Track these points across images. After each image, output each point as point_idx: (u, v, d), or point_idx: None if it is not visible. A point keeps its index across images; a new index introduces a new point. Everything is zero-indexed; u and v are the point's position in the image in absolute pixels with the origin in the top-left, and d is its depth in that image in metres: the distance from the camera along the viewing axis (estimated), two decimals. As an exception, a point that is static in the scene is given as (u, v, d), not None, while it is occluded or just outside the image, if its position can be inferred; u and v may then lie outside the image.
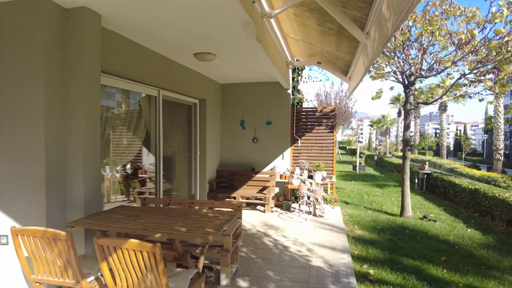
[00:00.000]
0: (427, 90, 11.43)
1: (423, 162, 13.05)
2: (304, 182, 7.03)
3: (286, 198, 7.72)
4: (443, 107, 30.06)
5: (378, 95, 7.27)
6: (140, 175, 5.76)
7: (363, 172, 17.74)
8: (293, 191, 7.92)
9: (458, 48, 5.67)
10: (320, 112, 7.77)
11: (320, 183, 7.05)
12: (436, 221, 7.21)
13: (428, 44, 6.02)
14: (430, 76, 6.84)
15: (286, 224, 6.30)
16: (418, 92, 10.71)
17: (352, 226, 6.54)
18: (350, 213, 7.62)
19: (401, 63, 7.10)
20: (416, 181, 12.13)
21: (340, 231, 5.98)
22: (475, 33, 5.38)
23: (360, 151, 18.74)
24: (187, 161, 6.87)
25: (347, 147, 50.31)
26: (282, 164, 7.84)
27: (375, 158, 22.72)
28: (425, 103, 7.55)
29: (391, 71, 7.32)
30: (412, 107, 7.39)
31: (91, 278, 2.72)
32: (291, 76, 7.87)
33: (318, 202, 6.85)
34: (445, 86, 24.48)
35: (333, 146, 7.73)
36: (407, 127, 7.44)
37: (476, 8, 5.69)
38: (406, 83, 7.27)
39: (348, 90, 6.59)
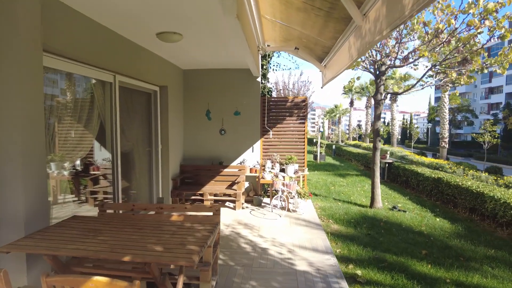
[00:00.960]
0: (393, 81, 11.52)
1: (384, 152, 13.38)
2: (277, 176, 6.64)
3: (257, 193, 7.30)
4: (394, 98, 31.56)
5: (351, 85, 7.04)
6: (92, 172, 4.96)
7: (324, 161, 17.96)
8: (263, 185, 7.52)
9: (434, 37, 5.57)
10: (291, 102, 7.39)
11: (293, 177, 6.71)
12: (405, 211, 7.27)
13: (407, 33, 5.88)
14: (402, 66, 6.74)
15: (260, 221, 5.88)
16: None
17: (327, 220, 6.31)
18: (321, 205, 7.42)
19: (373, 52, 6.93)
20: (377, 170, 12.38)
21: (317, 227, 5.70)
22: (452, 22, 5.30)
23: (320, 141, 18.91)
24: (147, 156, 6.12)
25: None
26: (252, 157, 7.37)
27: (333, 147, 23.20)
28: (395, 93, 7.50)
29: (363, 60, 7.13)
30: (383, 97, 7.29)
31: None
32: (260, 63, 7.37)
33: (292, 197, 6.52)
34: (395, 77, 25.61)
35: (304, 138, 7.42)
36: (378, 117, 7.35)
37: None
38: (377, 73, 7.14)
39: (322, 79, 6.25)
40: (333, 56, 5.04)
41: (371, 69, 7.30)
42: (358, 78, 7.95)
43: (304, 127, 7.38)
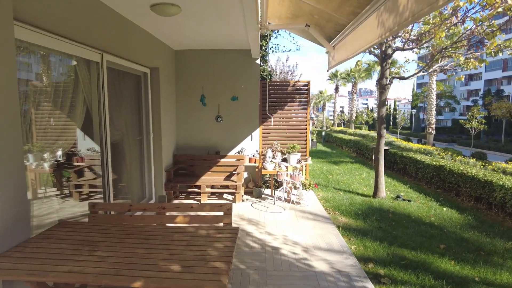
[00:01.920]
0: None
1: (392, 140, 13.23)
2: (280, 166, 6.20)
3: (257, 184, 6.85)
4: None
5: (358, 67, 6.59)
6: (76, 164, 4.35)
7: (315, 148, 17.67)
8: (262, 176, 7.08)
9: (451, 16, 5.16)
10: (293, 86, 6.89)
11: (297, 167, 6.28)
12: (410, 200, 7.01)
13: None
14: (409, 49, 6.35)
15: (265, 216, 5.45)
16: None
17: (334, 212, 5.96)
18: (323, 196, 7.06)
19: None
20: (373, 157, 12.18)
21: (325, 220, 5.33)
22: (474, 0, 4.90)
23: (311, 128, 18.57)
24: (138, 146, 5.52)
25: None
26: (250, 146, 6.88)
27: (323, 134, 22.95)
28: (402, 78, 7.13)
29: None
30: (388, 82, 6.90)
31: None
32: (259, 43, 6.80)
33: (297, 188, 6.11)
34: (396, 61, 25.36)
35: (306, 125, 6.97)
36: (383, 103, 6.98)
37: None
38: (383, 56, 6.71)
39: (329, 62, 5.77)
40: (347, 35, 4.55)
41: (376, 52, 6.87)
42: (366, 62, 7.50)
43: (307, 113, 6.92)
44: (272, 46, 8.68)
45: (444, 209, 6.50)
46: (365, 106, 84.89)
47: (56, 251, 2.05)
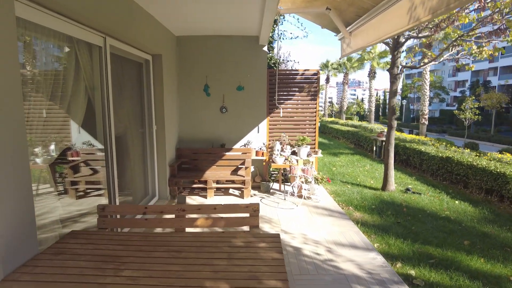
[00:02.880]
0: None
1: (382, 130, 13.06)
2: (289, 160, 5.90)
3: (264, 179, 6.54)
4: (373, 74, 31.41)
5: (370, 56, 6.29)
6: (72, 159, 3.95)
7: (310, 139, 17.45)
8: (269, 169, 6.77)
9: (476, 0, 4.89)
10: (302, 75, 6.55)
11: (311, 160, 5.99)
12: (420, 193, 6.84)
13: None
14: (424, 37, 6.08)
15: (277, 212, 5.17)
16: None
17: (347, 207, 5.72)
18: (332, 190, 6.81)
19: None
20: (374, 148, 12.02)
21: (342, 216, 5.08)
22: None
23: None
24: (140, 139, 5.13)
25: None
26: (257, 138, 6.55)
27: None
28: (413, 67, 6.87)
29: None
30: (399, 71, 6.64)
31: None
32: (266, 30, 6.41)
33: (308, 182, 5.83)
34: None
35: (315, 116, 6.67)
36: (394, 93, 6.72)
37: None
38: (395, 44, 6.43)
39: (343, 49, 5.45)
40: (370, 19, 4.22)
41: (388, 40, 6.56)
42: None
43: (316, 104, 6.61)
44: (279, 33, 8.28)
45: (456, 202, 6.34)
46: (353, 97, 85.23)
47: (74, 271, 1.70)
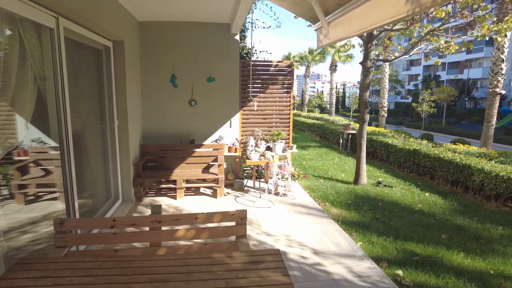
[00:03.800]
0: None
1: (347, 123, 13.23)
2: (264, 156, 5.61)
3: (237, 176, 6.21)
4: (334, 67, 32.03)
5: (347, 49, 6.16)
6: (20, 158, 3.36)
7: (276, 132, 17.35)
8: (242, 166, 6.45)
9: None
10: (275, 66, 6.26)
11: (288, 156, 5.75)
12: (391, 186, 6.91)
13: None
14: (398, 30, 6.04)
15: (255, 212, 4.88)
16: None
17: (323, 203, 5.58)
18: (306, 185, 6.66)
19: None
20: (340, 141, 12.13)
21: (321, 214, 4.92)
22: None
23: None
24: (100, 135, 4.55)
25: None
26: (230, 133, 6.18)
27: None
28: (385, 60, 6.84)
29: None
30: (372, 64, 6.59)
31: None
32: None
33: (285, 179, 5.60)
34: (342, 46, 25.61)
35: (289, 110, 6.43)
36: (367, 87, 6.67)
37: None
38: (369, 37, 6.34)
39: (320, 39, 5.22)
40: (354, 8, 4.01)
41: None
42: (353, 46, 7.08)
43: (290, 97, 6.37)
44: (251, 21, 7.87)
45: (426, 194, 6.47)
46: (312, 90, 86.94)
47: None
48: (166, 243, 3.28)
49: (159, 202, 5.27)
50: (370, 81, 6.63)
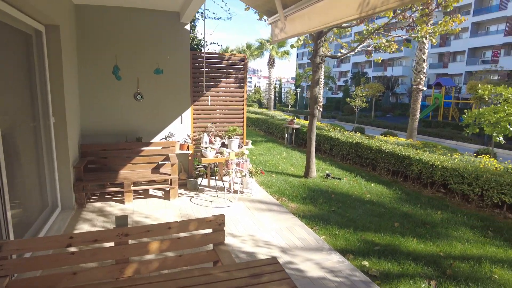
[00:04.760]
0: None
1: (292, 118, 13.47)
2: (222, 153, 5.38)
3: (190, 175, 5.88)
4: (272, 63, 32.63)
5: (299, 43, 6.17)
6: None
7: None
8: (193, 164, 6.13)
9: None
10: (228, 60, 6.02)
11: (246, 153, 5.58)
12: (339, 178, 7.20)
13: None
14: (348, 27, 6.24)
15: (213, 212, 4.62)
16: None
17: (280, 198, 5.57)
18: (260, 180, 6.59)
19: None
20: (285, 136, 12.33)
21: (281, 209, 4.89)
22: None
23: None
24: (33, 135, 3.88)
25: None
26: (181, 130, 5.81)
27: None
28: (334, 57, 7.05)
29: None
30: (321, 60, 6.74)
31: None
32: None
33: (243, 176, 5.45)
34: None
35: (243, 105, 6.27)
36: (316, 82, 6.81)
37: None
38: (318, 33, 6.45)
39: (275, 33, 5.14)
40: (315, 2, 3.98)
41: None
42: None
43: (244, 92, 6.20)
44: (202, 12, 7.45)
45: (372, 184, 6.87)
46: (249, 84, 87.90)
47: None
48: (133, 259, 2.91)
49: (106, 207, 4.72)
50: (319, 76, 6.78)
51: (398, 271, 3.47)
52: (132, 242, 2.22)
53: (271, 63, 32.51)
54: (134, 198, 5.13)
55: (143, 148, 5.42)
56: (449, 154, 6.89)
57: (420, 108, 13.68)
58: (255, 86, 66.66)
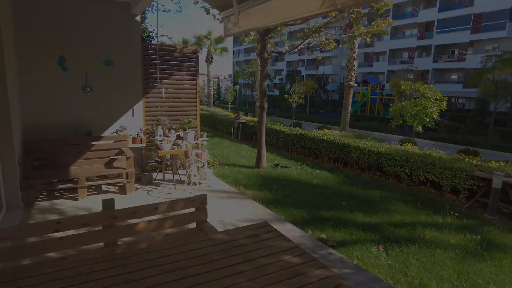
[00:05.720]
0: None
1: (237, 113, 13.68)
2: (178, 145, 5.41)
3: (144, 169, 5.79)
4: (210, 59, 32.45)
5: (250, 38, 6.42)
6: None
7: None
8: (146, 158, 6.03)
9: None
10: (180, 52, 6.03)
11: (204, 144, 5.67)
12: (288, 167, 7.66)
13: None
14: (292, 24, 6.68)
15: (176, 203, 4.69)
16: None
17: (238, 187, 5.80)
18: (215, 172, 6.74)
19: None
20: (232, 130, 12.54)
21: (241, 196, 5.14)
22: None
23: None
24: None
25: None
26: (132, 123, 5.68)
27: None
28: (279, 53, 7.44)
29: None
30: (268, 56, 7.10)
31: None
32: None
33: (202, 167, 5.54)
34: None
35: (196, 97, 6.34)
36: (265, 77, 7.16)
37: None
38: (266, 30, 6.80)
39: (227, 28, 5.34)
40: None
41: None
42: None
43: (196, 84, 6.26)
44: (154, 3, 7.18)
45: (317, 171, 7.47)
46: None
47: None
48: (121, 241, 2.87)
49: (57, 205, 4.46)
50: (267, 71, 7.14)
51: (351, 239, 3.95)
52: (120, 224, 2.26)
53: (209, 59, 32.33)
54: (88, 195, 4.91)
55: (94, 143, 5.19)
56: (379, 144, 7.81)
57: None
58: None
